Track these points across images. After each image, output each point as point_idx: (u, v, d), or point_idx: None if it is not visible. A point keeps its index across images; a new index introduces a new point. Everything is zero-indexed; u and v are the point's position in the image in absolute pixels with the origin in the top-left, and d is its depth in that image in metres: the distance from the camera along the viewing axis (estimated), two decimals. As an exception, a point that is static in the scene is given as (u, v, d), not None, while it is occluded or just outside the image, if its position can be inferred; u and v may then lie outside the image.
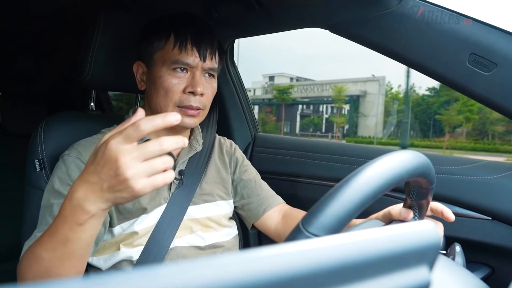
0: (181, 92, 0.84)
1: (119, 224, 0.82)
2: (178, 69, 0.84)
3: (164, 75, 0.84)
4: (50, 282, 0.18)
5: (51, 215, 0.74)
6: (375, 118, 25.59)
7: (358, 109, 27.60)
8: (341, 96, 26.63)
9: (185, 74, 0.85)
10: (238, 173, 1.04)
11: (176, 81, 0.83)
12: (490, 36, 0.82)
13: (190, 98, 0.84)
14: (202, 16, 1.18)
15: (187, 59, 0.84)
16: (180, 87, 0.84)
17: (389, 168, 0.45)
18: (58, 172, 0.79)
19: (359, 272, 0.27)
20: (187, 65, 0.84)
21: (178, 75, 0.84)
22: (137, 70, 0.91)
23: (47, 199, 0.77)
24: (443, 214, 0.68)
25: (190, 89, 0.83)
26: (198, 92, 0.84)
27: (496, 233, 0.90)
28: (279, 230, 0.98)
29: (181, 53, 0.83)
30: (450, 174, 0.97)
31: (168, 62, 0.84)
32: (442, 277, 0.47)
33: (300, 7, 1.02)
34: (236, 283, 0.22)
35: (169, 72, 0.84)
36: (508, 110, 0.84)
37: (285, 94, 29.98)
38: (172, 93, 0.83)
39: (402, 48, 0.92)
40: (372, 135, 24.76)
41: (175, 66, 0.83)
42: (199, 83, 0.84)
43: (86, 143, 0.85)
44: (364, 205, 0.43)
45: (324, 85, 31.60)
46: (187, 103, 0.84)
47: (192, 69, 0.85)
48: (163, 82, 0.83)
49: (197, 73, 0.85)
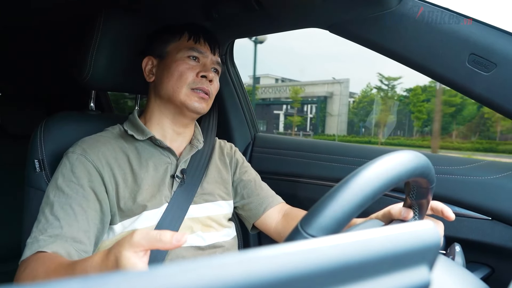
0: (194, 76, 0.91)
1: (120, 222, 0.82)
2: (192, 57, 0.92)
3: (179, 60, 0.91)
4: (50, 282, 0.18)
5: (51, 212, 0.74)
6: (337, 118, 27.45)
7: (326, 109, 29.23)
8: (297, 97, 28.31)
9: (197, 63, 0.93)
10: (238, 174, 1.05)
11: (190, 66, 0.91)
12: (489, 36, 0.82)
13: (203, 81, 0.91)
14: (202, 17, 1.18)
15: (201, 48, 0.93)
16: (194, 71, 0.91)
17: (389, 168, 0.45)
18: (62, 169, 0.80)
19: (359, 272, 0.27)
20: (200, 53, 0.93)
21: (191, 63, 0.92)
22: (146, 64, 0.96)
23: (48, 195, 0.78)
24: (443, 213, 0.68)
25: (203, 73, 0.91)
26: (209, 77, 0.91)
27: (495, 233, 0.90)
28: (280, 230, 0.99)
29: (195, 44, 0.93)
30: (449, 174, 0.97)
31: (183, 50, 0.92)
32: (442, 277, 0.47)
33: (300, 8, 1.02)
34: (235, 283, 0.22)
35: (184, 58, 0.91)
36: (507, 110, 0.84)
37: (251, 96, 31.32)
38: (186, 75, 0.90)
39: (401, 48, 0.92)
40: (335, 133, 26.45)
41: (190, 54, 0.92)
42: (210, 69, 0.92)
43: (90, 140, 0.86)
44: (363, 206, 0.43)
45: (288, 87, 32.96)
46: (200, 85, 0.90)
47: (204, 59, 0.94)
48: (178, 66, 0.90)
49: (207, 62, 0.94)
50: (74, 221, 0.74)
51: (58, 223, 0.73)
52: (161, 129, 0.93)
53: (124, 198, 0.82)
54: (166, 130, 0.94)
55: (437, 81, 0.92)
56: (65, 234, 0.72)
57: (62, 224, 0.72)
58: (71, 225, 0.73)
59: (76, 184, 0.78)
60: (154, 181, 0.87)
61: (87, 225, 0.75)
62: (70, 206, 0.75)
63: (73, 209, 0.75)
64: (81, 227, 0.74)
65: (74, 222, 0.74)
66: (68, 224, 0.73)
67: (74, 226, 0.73)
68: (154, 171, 0.88)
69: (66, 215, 0.74)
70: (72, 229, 0.73)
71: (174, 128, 0.94)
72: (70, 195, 0.77)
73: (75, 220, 0.74)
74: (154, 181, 0.87)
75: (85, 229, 0.75)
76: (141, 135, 0.89)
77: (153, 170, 0.88)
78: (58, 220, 0.73)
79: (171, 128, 0.94)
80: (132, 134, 0.89)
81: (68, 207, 0.75)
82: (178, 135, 0.96)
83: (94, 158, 0.82)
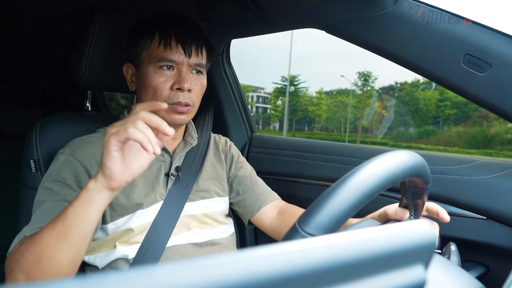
0: (169, 89, 0.85)
1: (112, 221, 0.81)
2: (164, 66, 0.85)
3: (151, 74, 0.85)
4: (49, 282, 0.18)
5: (41, 212, 0.74)
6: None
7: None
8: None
9: (171, 72, 0.86)
10: (233, 169, 1.05)
11: (163, 79, 0.85)
12: (485, 37, 0.83)
13: (179, 94, 0.85)
14: (198, 17, 1.18)
15: (172, 56, 0.85)
16: (167, 84, 0.85)
17: (385, 168, 0.46)
18: (50, 170, 0.81)
19: (355, 271, 0.27)
20: (172, 62, 0.85)
21: (164, 73, 0.85)
22: (127, 71, 0.93)
23: (39, 195, 0.78)
24: (439, 215, 0.68)
25: (177, 86, 0.84)
26: (185, 88, 0.84)
27: (491, 233, 0.91)
28: (275, 226, 0.99)
29: (165, 51, 0.85)
30: (445, 174, 0.98)
31: (154, 61, 0.85)
32: (437, 276, 0.48)
33: (296, 8, 1.02)
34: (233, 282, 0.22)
35: (156, 70, 0.85)
36: (502, 110, 0.84)
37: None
38: (160, 91, 0.84)
39: (397, 48, 0.92)
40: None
41: (161, 64, 0.85)
42: (185, 79, 0.85)
43: (81, 141, 0.85)
44: (360, 205, 0.43)
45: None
46: (176, 100, 0.84)
47: (178, 66, 0.86)
48: (151, 81, 0.85)
49: (183, 70, 0.86)
50: None
51: (47, 218, 0.71)
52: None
53: (116, 197, 0.81)
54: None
55: (432, 81, 0.92)
56: None
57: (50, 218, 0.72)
58: None
59: (63, 183, 0.78)
60: (148, 179, 0.86)
61: None
62: (59, 203, 0.75)
63: (62, 205, 0.74)
64: None
65: None
66: None
67: None
68: (147, 169, 0.87)
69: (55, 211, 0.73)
70: None
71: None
72: (59, 193, 0.76)
73: None
74: (148, 180, 0.86)
75: None
76: None
77: (147, 168, 0.87)
78: (47, 214, 0.72)
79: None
80: None
81: (58, 203, 0.75)
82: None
83: (83, 157, 0.81)
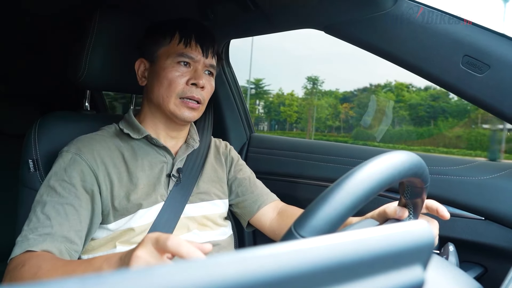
0: (184, 83, 0.88)
1: (115, 221, 0.82)
2: (182, 63, 0.89)
3: (168, 67, 0.88)
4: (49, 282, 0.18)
5: (42, 212, 0.73)
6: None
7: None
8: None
9: (187, 68, 0.89)
10: (233, 172, 1.06)
11: (179, 73, 0.88)
12: (483, 38, 0.83)
13: (192, 89, 0.88)
14: (197, 17, 1.18)
15: (192, 53, 0.89)
16: (183, 79, 0.88)
17: (382, 169, 0.45)
18: (55, 168, 0.80)
19: (354, 271, 0.27)
20: (191, 59, 0.89)
21: (181, 69, 0.88)
22: (138, 66, 0.94)
23: (41, 194, 0.77)
24: (438, 212, 0.68)
25: (193, 81, 0.88)
26: (200, 84, 0.88)
27: (489, 233, 0.91)
28: (274, 227, 0.99)
29: (186, 48, 0.89)
30: (443, 174, 0.98)
31: (173, 56, 0.88)
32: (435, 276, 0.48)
33: (295, 8, 1.03)
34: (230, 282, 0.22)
35: (173, 65, 0.88)
36: (500, 111, 0.85)
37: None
38: (176, 84, 0.87)
39: (396, 49, 0.92)
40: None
41: (179, 59, 0.88)
42: (201, 76, 0.89)
43: (86, 138, 0.86)
44: (357, 207, 0.42)
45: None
46: (189, 94, 0.88)
47: (195, 64, 0.90)
48: (167, 73, 0.87)
49: (199, 68, 0.90)
50: (65, 221, 0.73)
51: (49, 222, 0.72)
52: (155, 131, 0.93)
53: (119, 197, 0.82)
54: (160, 132, 0.94)
55: (431, 82, 0.92)
56: (55, 233, 0.71)
57: (53, 224, 0.72)
58: (62, 224, 0.73)
59: (69, 183, 0.78)
60: (150, 180, 0.87)
61: (79, 225, 0.75)
62: (62, 206, 0.75)
63: (65, 208, 0.75)
64: (73, 226, 0.74)
65: (65, 221, 0.73)
66: (59, 223, 0.73)
67: (65, 225, 0.73)
68: (149, 170, 0.88)
69: (58, 215, 0.73)
70: (63, 229, 0.72)
71: (168, 132, 0.94)
72: (62, 194, 0.76)
73: (66, 219, 0.74)
74: (150, 180, 0.87)
75: (76, 229, 0.74)
76: (137, 133, 0.89)
77: (149, 169, 0.88)
78: (49, 219, 0.72)
79: (164, 131, 0.94)
80: (128, 133, 0.89)
81: (60, 206, 0.74)
82: (172, 138, 0.96)
83: (89, 157, 0.81)
